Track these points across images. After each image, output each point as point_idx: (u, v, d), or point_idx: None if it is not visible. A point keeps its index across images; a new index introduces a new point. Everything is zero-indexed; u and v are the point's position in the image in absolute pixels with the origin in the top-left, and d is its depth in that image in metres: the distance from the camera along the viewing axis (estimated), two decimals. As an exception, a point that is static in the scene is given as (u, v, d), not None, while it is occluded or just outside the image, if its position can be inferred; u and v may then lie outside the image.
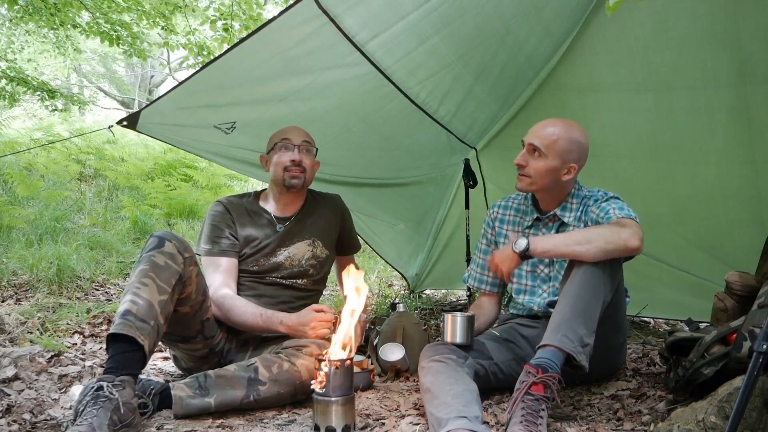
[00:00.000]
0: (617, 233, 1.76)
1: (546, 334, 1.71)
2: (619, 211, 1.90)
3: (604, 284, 1.76)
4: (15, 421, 1.72)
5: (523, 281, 2.16)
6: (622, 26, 2.49)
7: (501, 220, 2.24)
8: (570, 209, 2.08)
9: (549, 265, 2.11)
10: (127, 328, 1.70)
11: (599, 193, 2.07)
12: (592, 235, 1.78)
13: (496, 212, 2.26)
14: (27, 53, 10.21)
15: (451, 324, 1.94)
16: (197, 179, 7.24)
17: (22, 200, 5.29)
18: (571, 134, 2.00)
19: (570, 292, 1.75)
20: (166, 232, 1.95)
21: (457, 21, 2.29)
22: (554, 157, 1.98)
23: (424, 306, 3.71)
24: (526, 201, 2.21)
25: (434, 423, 1.59)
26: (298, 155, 2.26)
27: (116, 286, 3.86)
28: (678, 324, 2.86)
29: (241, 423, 1.78)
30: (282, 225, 2.33)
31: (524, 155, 2.03)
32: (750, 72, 2.38)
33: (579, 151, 2.01)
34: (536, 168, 2.00)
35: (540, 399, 1.58)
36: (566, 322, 1.69)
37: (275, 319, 2.10)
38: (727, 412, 1.38)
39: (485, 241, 2.29)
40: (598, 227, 1.86)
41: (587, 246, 1.75)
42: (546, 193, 2.09)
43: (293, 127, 2.35)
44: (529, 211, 2.17)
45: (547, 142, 1.98)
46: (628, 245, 1.74)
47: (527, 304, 2.14)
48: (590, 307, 1.72)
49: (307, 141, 2.31)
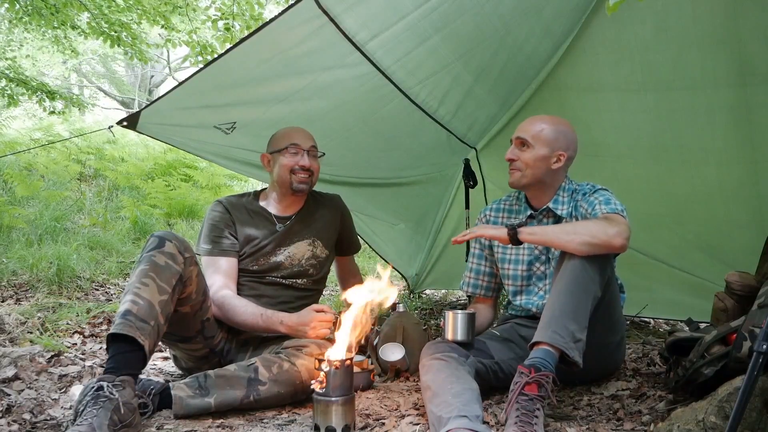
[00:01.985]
0: (603, 229, 1.76)
1: (537, 332, 1.71)
2: (605, 206, 1.90)
3: (593, 280, 1.76)
4: (15, 421, 1.72)
5: (518, 282, 2.16)
6: (622, 26, 2.49)
7: (494, 223, 2.23)
8: (562, 202, 2.09)
9: (545, 263, 2.12)
10: (127, 328, 1.70)
11: (587, 187, 2.08)
12: (579, 227, 1.80)
13: (488, 215, 2.27)
14: (26, 50, 10.19)
15: (453, 321, 1.94)
16: (197, 179, 7.24)
17: (22, 200, 5.29)
18: (557, 125, 2.07)
19: (559, 288, 1.75)
20: (166, 232, 1.95)
21: (457, 21, 2.29)
22: (542, 146, 2.04)
23: (424, 306, 3.71)
24: (518, 201, 2.21)
25: (434, 421, 1.59)
26: (308, 161, 2.27)
27: (116, 286, 3.86)
28: (678, 324, 2.85)
29: (241, 423, 1.78)
30: (282, 225, 2.33)
31: (513, 150, 2.09)
32: (750, 72, 2.38)
33: (566, 140, 2.06)
34: (526, 159, 2.05)
35: (534, 398, 1.58)
36: (556, 319, 1.69)
37: (275, 318, 2.10)
38: (727, 412, 1.38)
39: (479, 246, 2.29)
40: (586, 221, 1.88)
41: (572, 237, 1.76)
42: (538, 188, 2.10)
43: (299, 129, 2.34)
44: (522, 209, 2.18)
45: (533, 132, 2.05)
46: (612, 243, 1.74)
47: (525, 305, 2.14)
48: (580, 302, 1.72)
49: (314, 146, 2.32)
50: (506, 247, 2.17)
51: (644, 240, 2.99)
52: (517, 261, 2.16)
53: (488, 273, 2.27)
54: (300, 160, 2.26)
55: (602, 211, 1.89)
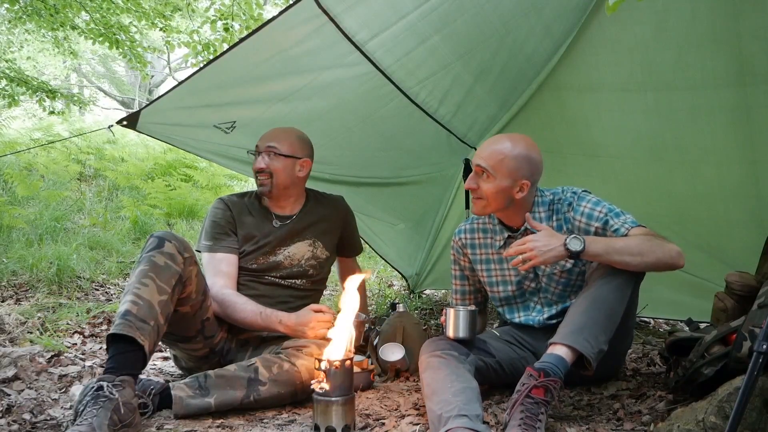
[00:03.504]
0: (668, 251, 1.78)
1: (565, 332, 1.71)
2: (617, 218, 1.88)
3: (626, 294, 1.79)
4: (15, 421, 1.72)
5: (512, 302, 2.13)
6: (622, 26, 2.49)
7: (472, 246, 2.15)
8: (539, 219, 1.99)
9: (533, 280, 2.06)
10: (127, 328, 1.70)
11: (566, 194, 2.00)
12: (645, 248, 1.77)
13: (464, 238, 2.16)
14: (26, 51, 10.19)
15: (454, 318, 1.91)
16: (197, 179, 7.23)
17: (22, 200, 5.29)
18: (517, 151, 1.92)
19: (599, 294, 1.76)
20: (165, 232, 1.95)
21: (457, 21, 2.29)
22: (503, 176, 1.91)
23: (424, 306, 3.71)
24: (492, 220, 2.11)
25: (434, 420, 1.59)
26: (261, 163, 2.25)
27: (116, 286, 3.86)
28: (678, 324, 2.85)
29: (241, 423, 1.78)
30: (283, 224, 2.33)
31: (473, 177, 1.96)
32: (750, 72, 2.38)
33: (529, 167, 1.93)
34: (486, 190, 1.93)
35: (540, 402, 1.58)
36: (590, 327, 1.70)
37: (274, 318, 2.10)
38: (727, 412, 1.38)
39: (458, 268, 2.23)
40: (645, 240, 1.79)
41: (639, 258, 1.76)
42: (507, 212, 2.02)
43: (272, 129, 2.31)
44: (498, 230, 2.08)
45: (493, 162, 1.92)
46: (678, 263, 1.79)
47: (525, 322, 2.11)
48: (615, 314, 1.75)
49: (273, 145, 2.25)
50: (490, 270, 2.12)
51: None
52: (505, 282, 2.10)
53: (474, 290, 2.25)
54: (255, 163, 2.27)
55: (624, 225, 1.86)
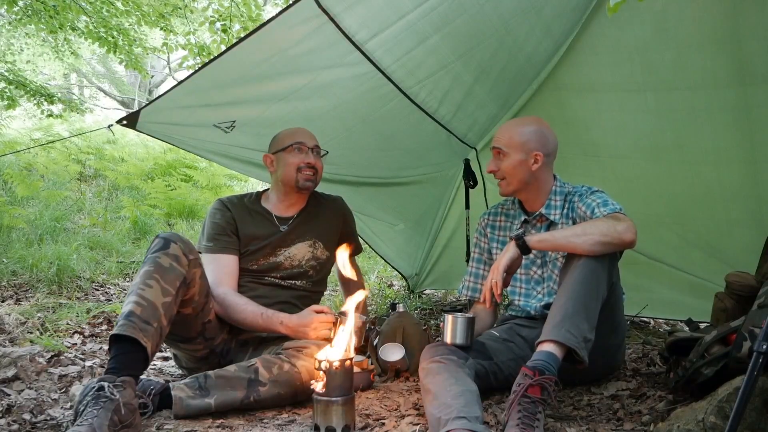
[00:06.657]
0: (613, 227, 1.78)
1: (547, 329, 1.71)
2: (603, 207, 1.92)
3: (601, 280, 1.77)
4: (15, 421, 1.72)
5: (517, 284, 2.17)
6: (622, 26, 2.49)
7: (492, 227, 2.27)
8: (555, 206, 2.10)
9: (542, 267, 2.12)
10: (130, 329, 1.70)
11: (583, 189, 2.09)
12: (588, 228, 1.80)
13: (487, 220, 2.29)
14: (26, 55, 10.19)
15: (452, 325, 1.93)
16: (197, 179, 7.24)
17: (22, 200, 5.29)
18: (525, 126, 2.09)
19: (569, 287, 1.75)
20: (171, 233, 1.95)
21: (456, 20, 2.29)
22: (516, 151, 2.05)
23: (424, 306, 3.71)
24: (514, 205, 2.24)
25: (434, 423, 1.59)
26: (313, 158, 2.29)
27: (116, 286, 3.86)
28: (678, 324, 2.86)
29: (241, 423, 1.78)
30: (283, 225, 2.33)
31: (493, 161, 2.11)
32: (750, 72, 2.38)
33: (538, 139, 2.06)
34: (505, 168, 2.07)
35: (537, 401, 1.58)
36: (569, 318, 1.69)
37: (275, 319, 2.10)
38: (727, 412, 1.38)
39: (478, 250, 2.31)
40: (593, 222, 1.87)
41: (584, 238, 1.77)
42: (528, 192, 2.12)
43: (303, 129, 2.36)
44: (517, 214, 2.20)
45: (506, 140, 2.08)
46: (624, 239, 1.77)
47: (523, 306, 2.15)
48: (590, 302, 1.73)
49: (318, 145, 2.35)
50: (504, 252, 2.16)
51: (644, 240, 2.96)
52: None
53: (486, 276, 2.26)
54: (305, 158, 2.28)
55: (602, 212, 1.90)
